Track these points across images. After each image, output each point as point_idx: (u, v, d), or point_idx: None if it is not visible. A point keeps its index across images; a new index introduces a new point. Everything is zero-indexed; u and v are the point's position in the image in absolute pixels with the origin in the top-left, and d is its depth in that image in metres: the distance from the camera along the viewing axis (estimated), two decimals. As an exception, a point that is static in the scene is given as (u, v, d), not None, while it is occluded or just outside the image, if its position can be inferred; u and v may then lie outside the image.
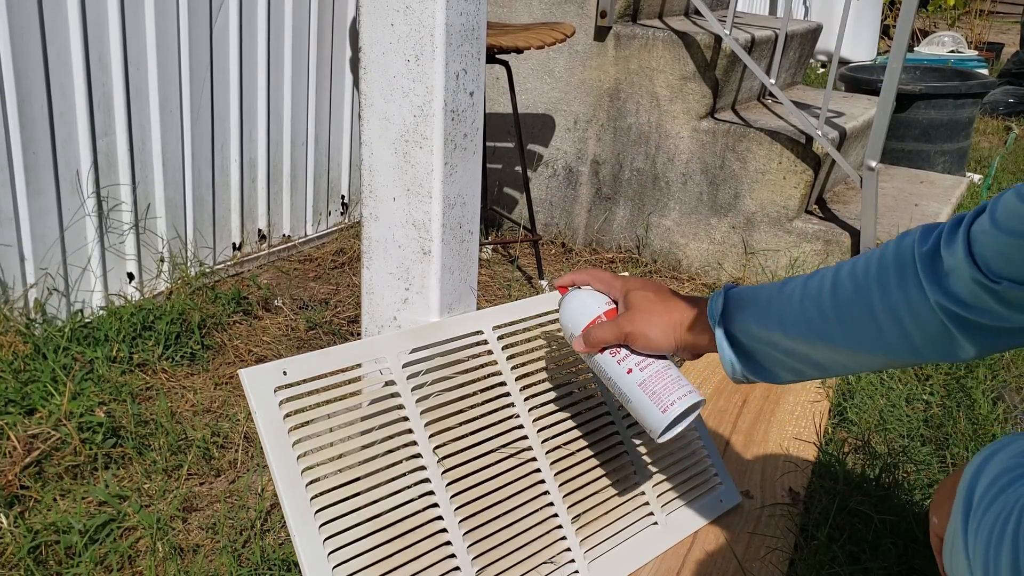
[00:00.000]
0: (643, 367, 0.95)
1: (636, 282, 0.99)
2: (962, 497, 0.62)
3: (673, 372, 0.96)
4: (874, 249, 0.83)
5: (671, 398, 0.93)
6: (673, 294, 0.97)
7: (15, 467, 1.32)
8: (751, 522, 1.19)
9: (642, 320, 0.94)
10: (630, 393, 0.95)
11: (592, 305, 0.99)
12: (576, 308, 1.00)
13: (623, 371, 0.96)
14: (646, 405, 0.94)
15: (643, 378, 0.94)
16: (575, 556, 1.03)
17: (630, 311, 0.96)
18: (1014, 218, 0.65)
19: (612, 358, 0.96)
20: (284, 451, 0.86)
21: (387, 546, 0.89)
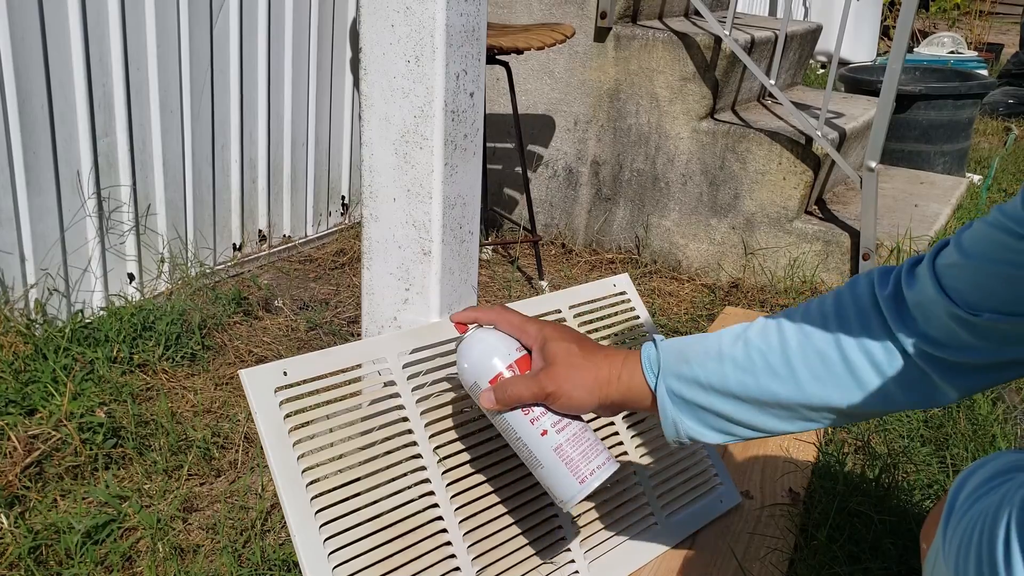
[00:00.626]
0: (560, 429, 0.85)
1: (553, 330, 0.87)
2: (945, 508, 0.62)
3: (590, 435, 0.86)
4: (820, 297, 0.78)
5: (590, 467, 0.84)
6: (594, 346, 0.87)
7: (15, 467, 1.33)
8: (751, 522, 1.19)
9: (565, 377, 0.83)
10: (543, 458, 0.85)
11: (500, 351, 0.87)
12: (482, 354, 0.87)
13: (536, 432, 0.85)
14: (560, 473, 0.84)
15: (559, 442, 0.84)
16: (575, 556, 1.03)
17: (552, 367, 0.84)
18: (985, 244, 0.64)
19: (524, 417, 0.85)
20: (284, 451, 0.86)
21: (387, 546, 0.89)
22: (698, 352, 0.81)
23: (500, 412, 0.87)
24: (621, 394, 0.84)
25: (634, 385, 0.84)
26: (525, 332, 0.88)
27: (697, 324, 2.07)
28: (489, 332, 0.89)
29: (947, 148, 3.34)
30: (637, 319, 1.22)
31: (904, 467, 1.42)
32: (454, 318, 0.90)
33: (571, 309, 1.15)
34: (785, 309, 0.80)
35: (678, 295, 2.29)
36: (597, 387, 0.84)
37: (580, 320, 1.16)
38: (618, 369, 0.84)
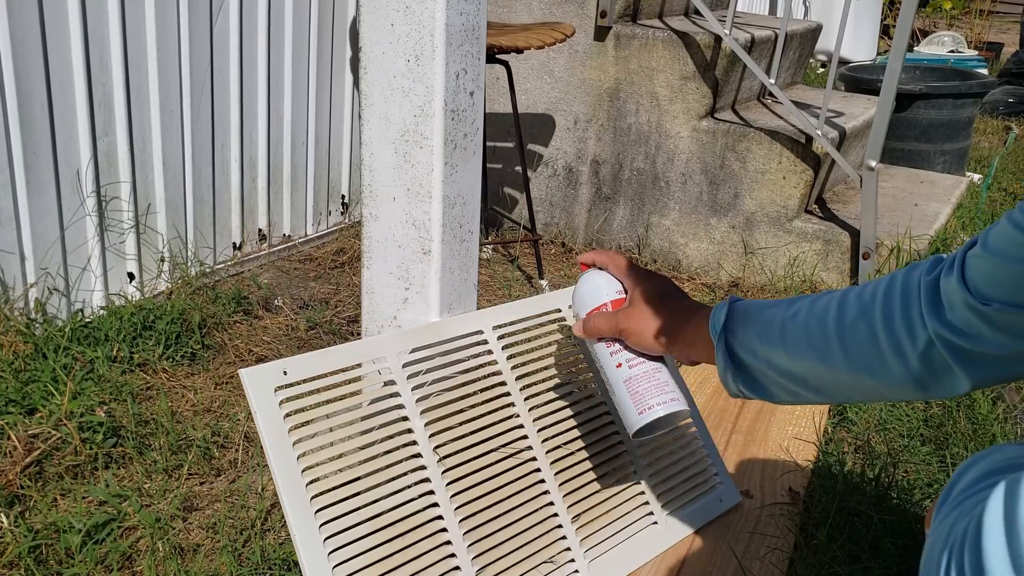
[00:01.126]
0: (632, 364, 0.95)
1: (648, 277, 0.98)
2: (940, 499, 0.63)
3: (662, 376, 0.95)
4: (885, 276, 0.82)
5: (651, 402, 0.93)
6: (680, 296, 0.96)
7: (15, 467, 1.33)
8: (751, 522, 1.19)
9: (639, 318, 0.94)
10: (615, 386, 0.96)
11: (602, 291, 0.99)
12: (586, 291, 1.00)
13: (613, 364, 0.96)
14: (626, 402, 0.94)
15: (630, 375, 0.94)
16: (575, 556, 1.03)
17: (632, 307, 0.96)
18: (1005, 240, 0.65)
19: (607, 348, 0.97)
20: (284, 451, 0.86)
21: (387, 546, 0.89)
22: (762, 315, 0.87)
23: (587, 341, 0.99)
24: (686, 344, 0.92)
25: (697, 337, 0.90)
26: (627, 276, 0.99)
27: (697, 323, 2.07)
28: (600, 274, 1.01)
29: (947, 147, 3.34)
30: (637, 318, 1.22)
31: (904, 466, 1.42)
32: (580, 258, 1.05)
33: (571, 308, 1.15)
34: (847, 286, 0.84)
35: (678, 294, 2.28)
36: (667, 332, 0.93)
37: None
38: (689, 320, 0.92)
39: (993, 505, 0.44)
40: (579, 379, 1.14)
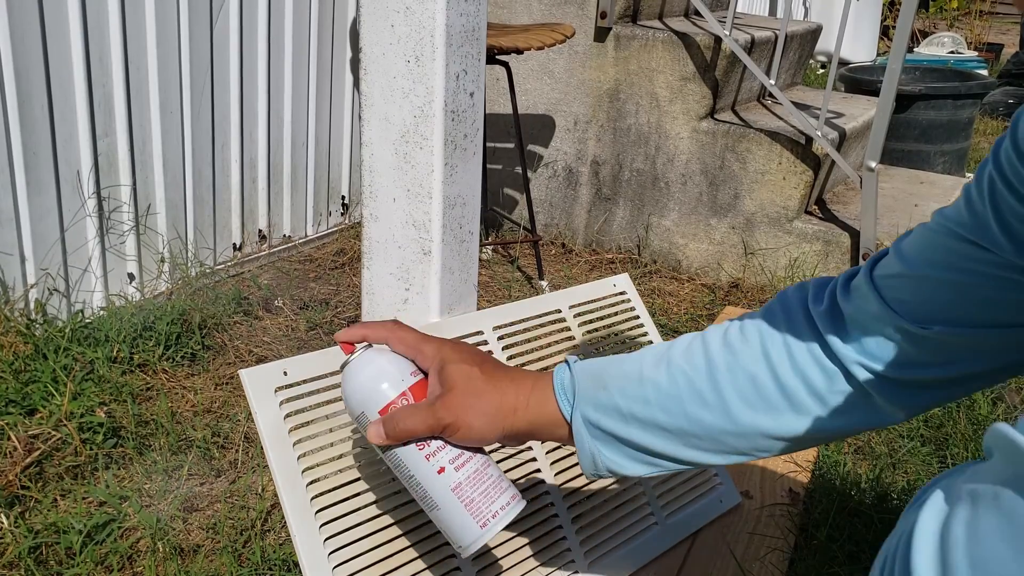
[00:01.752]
0: (459, 465, 0.73)
1: (453, 350, 0.75)
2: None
3: (493, 471, 0.75)
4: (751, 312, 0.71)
5: (492, 508, 0.73)
6: (500, 369, 0.76)
7: (16, 467, 1.33)
8: (751, 522, 1.19)
9: (464, 406, 0.72)
10: (439, 499, 0.73)
11: (394, 377, 0.75)
12: (370, 379, 0.75)
13: (432, 470, 0.73)
14: (459, 515, 0.73)
15: (458, 480, 0.73)
16: (575, 556, 1.03)
17: (449, 394, 0.73)
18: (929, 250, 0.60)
19: (419, 452, 0.73)
20: (284, 451, 0.86)
21: (387, 546, 0.89)
22: (617, 376, 0.73)
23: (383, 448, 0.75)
24: (529, 423, 0.74)
25: (545, 413, 0.74)
26: (421, 353, 0.76)
27: (697, 324, 2.07)
28: (380, 352, 0.76)
29: (947, 148, 3.34)
30: (637, 319, 1.22)
31: (904, 467, 1.42)
32: (339, 337, 0.78)
33: (571, 309, 1.15)
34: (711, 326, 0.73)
35: (678, 295, 2.29)
36: (501, 416, 0.73)
37: (580, 320, 1.16)
38: (526, 395, 0.74)
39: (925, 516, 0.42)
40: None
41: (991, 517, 0.36)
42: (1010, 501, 0.35)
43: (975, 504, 0.37)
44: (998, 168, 0.56)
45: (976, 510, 0.37)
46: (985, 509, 0.36)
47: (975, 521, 0.36)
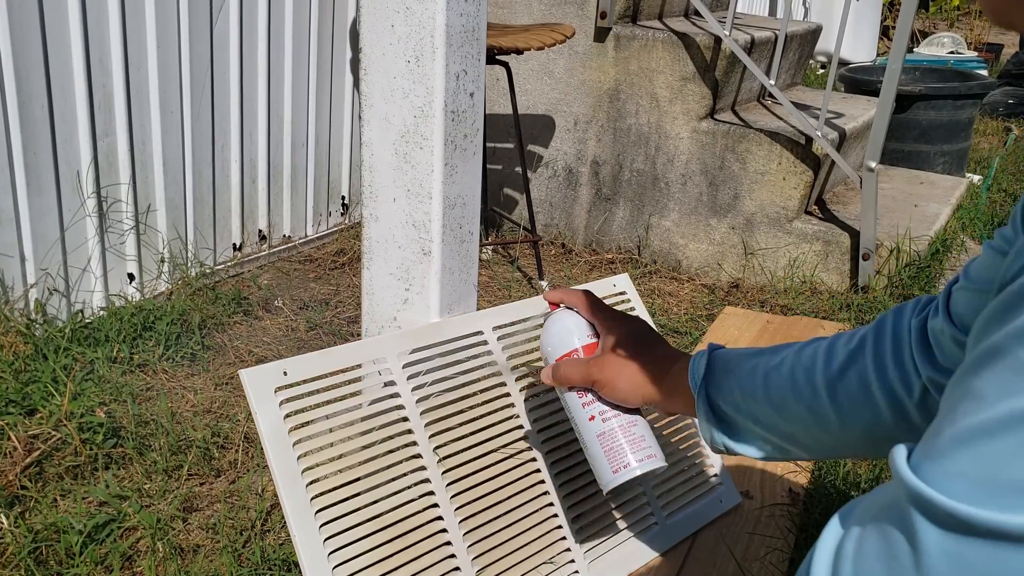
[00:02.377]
0: (606, 418, 0.88)
1: (622, 322, 0.90)
2: None
3: (638, 430, 0.89)
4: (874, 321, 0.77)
5: (628, 459, 0.87)
6: (656, 342, 0.89)
7: (15, 467, 1.33)
8: (751, 522, 1.19)
9: (613, 369, 0.86)
10: (588, 440, 0.89)
11: (573, 334, 0.92)
12: (556, 334, 0.93)
13: (586, 416, 0.89)
14: (600, 458, 0.88)
15: (603, 430, 0.88)
16: (575, 556, 1.03)
17: (604, 356, 0.88)
18: (984, 265, 0.62)
19: (578, 399, 0.90)
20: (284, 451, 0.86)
21: (387, 546, 0.89)
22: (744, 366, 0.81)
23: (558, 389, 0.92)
24: (664, 396, 0.85)
25: (675, 388, 0.85)
26: (599, 319, 0.91)
27: (697, 324, 2.07)
28: (570, 314, 0.94)
29: (947, 148, 3.34)
30: (637, 319, 1.22)
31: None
32: (546, 296, 0.96)
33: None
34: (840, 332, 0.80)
35: (678, 295, 2.29)
36: (643, 383, 0.86)
37: (580, 320, 1.16)
38: (666, 370, 0.86)
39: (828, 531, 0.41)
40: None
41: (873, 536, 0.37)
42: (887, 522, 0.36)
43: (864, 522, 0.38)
44: None
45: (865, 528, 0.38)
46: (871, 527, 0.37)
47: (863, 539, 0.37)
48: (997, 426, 0.32)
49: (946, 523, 0.33)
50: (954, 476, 0.33)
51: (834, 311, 2.14)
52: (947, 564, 0.33)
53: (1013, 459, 0.32)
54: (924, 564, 0.34)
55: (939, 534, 0.33)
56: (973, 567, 0.32)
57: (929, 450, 0.35)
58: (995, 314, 0.35)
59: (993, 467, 0.32)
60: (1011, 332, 0.33)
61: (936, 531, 0.33)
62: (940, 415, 0.37)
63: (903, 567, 0.35)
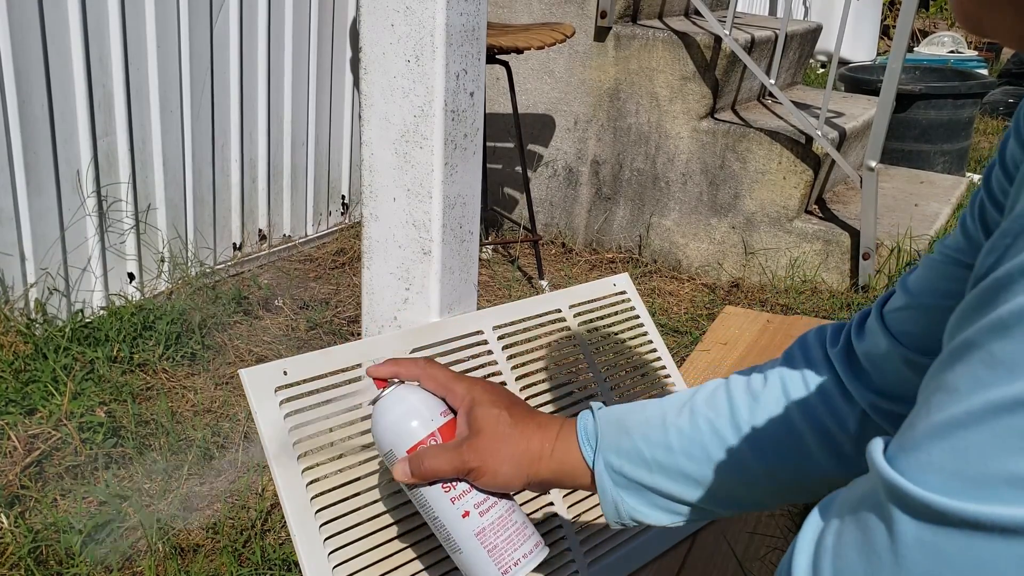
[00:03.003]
0: (484, 510, 0.73)
1: (484, 391, 0.75)
2: None
3: (518, 516, 0.75)
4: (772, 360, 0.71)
5: (515, 555, 0.73)
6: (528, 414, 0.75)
7: (15, 467, 1.33)
8: (751, 522, 1.19)
9: (490, 450, 0.72)
10: (462, 543, 0.73)
11: (424, 415, 0.75)
12: (400, 417, 0.75)
13: (457, 513, 0.73)
14: (481, 561, 0.73)
15: (482, 525, 0.73)
16: (575, 556, 1.03)
17: (476, 437, 0.72)
18: (932, 279, 0.61)
19: (444, 494, 0.74)
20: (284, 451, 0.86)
21: (387, 546, 0.89)
22: (640, 422, 0.72)
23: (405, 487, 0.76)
24: (553, 471, 0.73)
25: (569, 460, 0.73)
26: (451, 392, 0.76)
27: (697, 323, 2.07)
28: (412, 390, 0.77)
29: (947, 148, 3.34)
30: (637, 319, 1.22)
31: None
32: (371, 372, 0.78)
33: (571, 309, 1.15)
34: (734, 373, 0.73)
35: (678, 295, 2.29)
36: (527, 462, 0.73)
37: (580, 319, 1.16)
38: (551, 442, 0.73)
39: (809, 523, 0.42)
40: (579, 379, 1.13)
41: (851, 528, 0.37)
42: (865, 515, 0.37)
43: (843, 515, 0.39)
44: (988, 191, 0.57)
45: (844, 520, 0.38)
46: (849, 520, 0.38)
47: (842, 531, 0.38)
48: (970, 419, 0.33)
49: (922, 514, 0.34)
50: (929, 468, 0.34)
51: (834, 311, 2.14)
52: (923, 554, 0.34)
53: (985, 451, 0.32)
54: (901, 555, 0.34)
55: (915, 525, 0.34)
56: (948, 557, 0.33)
57: (904, 443, 0.36)
58: (968, 309, 0.36)
59: (966, 459, 0.33)
60: (983, 326, 0.34)
61: (912, 522, 0.34)
62: (915, 409, 0.37)
63: (880, 558, 0.35)
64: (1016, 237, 0.35)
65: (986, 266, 0.37)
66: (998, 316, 0.33)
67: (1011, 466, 0.31)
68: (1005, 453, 0.32)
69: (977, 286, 0.36)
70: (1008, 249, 0.35)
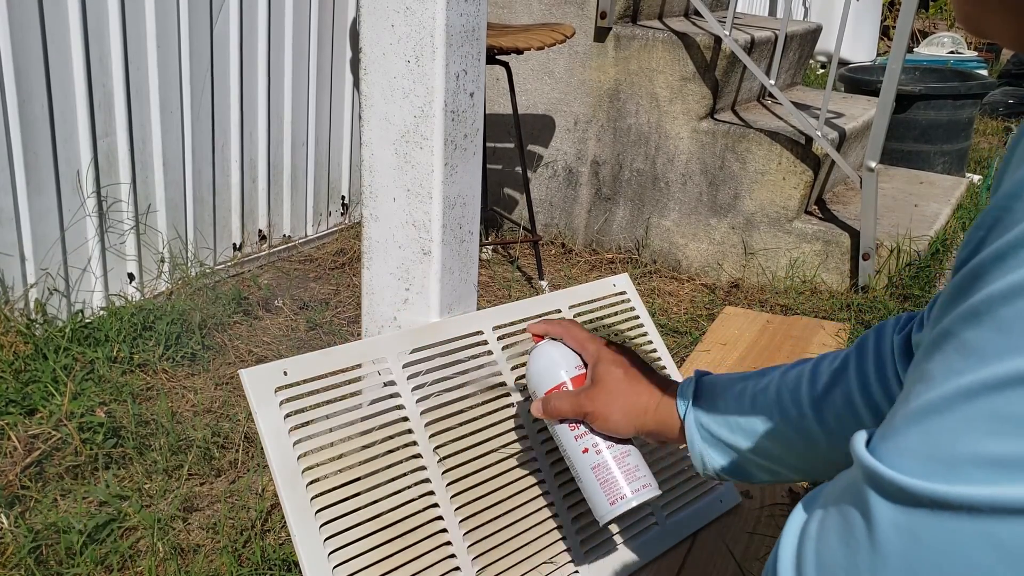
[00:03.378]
0: (599, 450, 0.88)
1: (608, 351, 0.90)
2: None
3: (632, 460, 0.89)
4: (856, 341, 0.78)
5: (623, 491, 0.87)
6: (645, 371, 0.89)
7: (16, 467, 1.33)
8: (751, 522, 1.19)
9: (604, 400, 0.86)
10: (581, 473, 0.89)
11: (560, 366, 0.92)
12: (543, 367, 0.93)
13: (579, 449, 0.89)
14: (595, 490, 0.88)
15: (597, 462, 0.88)
16: (575, 556, 1.03)
17: (594, 387, 0.87)
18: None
19: (570, 432, 0.90)
20: (284, 451, 0.86)
21: (387, 546, 0.89)
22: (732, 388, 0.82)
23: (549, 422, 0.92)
24: (656, 424, 0.85)
25: (667, 416, 0.85)
26: (585, 349, 0.91)
27: (697, 324, 2.07)
28: (556, 346, 0.93)
29: (947, 148, 3.34)
30: (637, 319, 1.22)
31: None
32: (529, 328, 0.97)
33: (571, 309, 1.15)
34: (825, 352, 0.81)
35: (678, 295, 2.29)
36: (635, 414, 0.86)
37: (580, 320, 1.16)
38: (656, 399, 0.86)
39: (795, 513, 0.44)
40: (579, 379, 1.13)
41: (833, 516, 0.39)
42: (846, 503, 0.38)
43: (827, 504, 0.40)
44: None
45: (827, 509, 0.40)
46: (832, 509, 0.39)
47: (825, 519, 0.39)
48: (943, 403, 0.34)
49: (896, 497, 0.35)
50: (904, 452, 0.35)
51: (834, 311, 2.14)
52: (898, 536, 0.35)
53: (955, 434, 0.34)
54: (877, 538, 0.35)
55: (890, 508, 0.35)
56: (921, 538, 0.34)
57: (884, 431, 0.37)
58: (946, 300, 0.37)
59: (938, 442, 0.34)
60: (957, 315, 0.35)
61: (888, 505, 0.35)
62: (897, 400, 0.39)
63: (859, 542, 0.36)
64: (989, 230, 0.36)
65: (961, 258, 0.38)
66: (970, 305, 0.35)
67: (979, 448, 0.33)
68: (974, 436, 0.33)
69: (955, 277, 0.37)
70: (982, 241, 0.36)
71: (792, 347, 1.73)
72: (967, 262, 0.36)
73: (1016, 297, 0.33)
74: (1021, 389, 0.32)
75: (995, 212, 0.35)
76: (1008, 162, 0.37)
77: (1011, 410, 0.32)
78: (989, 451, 0.32)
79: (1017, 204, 0.34)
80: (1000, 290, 0.33)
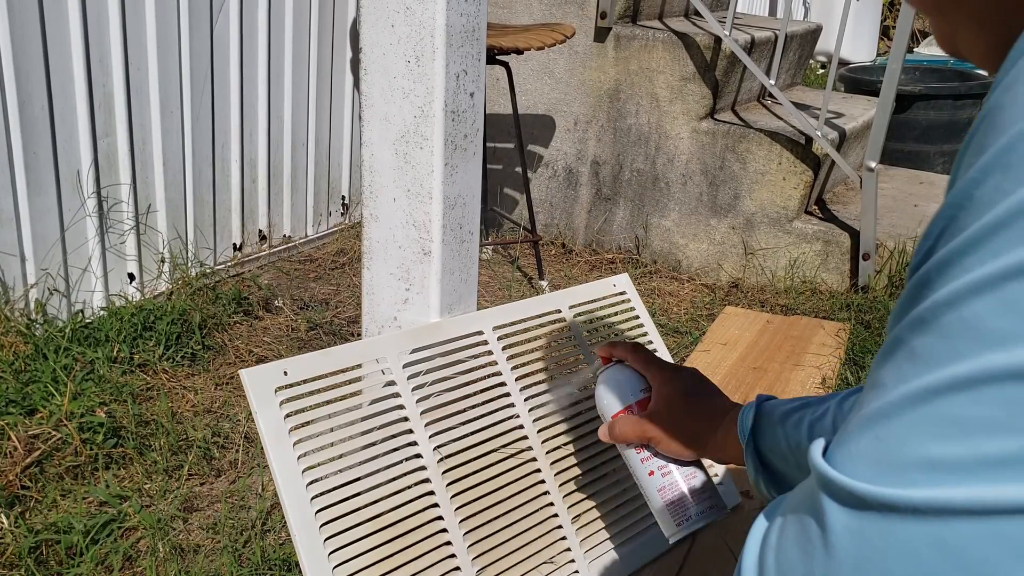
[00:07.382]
0: (665, 472, 0.91)
1: (673, 374, 0.93)
2: None
3: (697, 481, 0.92)
4: None
5: (689, 512, 0.90)
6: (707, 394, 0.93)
7: (16, 467, 1.33)
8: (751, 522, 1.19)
9: (666, 424, 0.90)
10: (649, 493, 0.92)
11: (626, 391, 0.95)
12: (610, 391, 0.96)
13: (645, 471, 0.92)
14: (663, 511, 0.91)
15: (664, 484, 0.91)
16: (575, 556, 1.03)
17: (658, 411, 0.91)
18: None
19: (636, 455, 0.93)
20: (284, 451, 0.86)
21: (387, 546, 0.89)
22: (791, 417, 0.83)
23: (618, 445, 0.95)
24: (716, 449, 0.88)
25: (728, 442, 0.87)
26: (649, 371, 0.94)
27: (697, 324, 2.07)
28: (622, 370, 0.97)
29: (947, 148, 3.34)
30: (637, 319, 1.22)
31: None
32: (599, 351, 1.00)
33: (571, 309, 1.15)
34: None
35: (678, 295, 2.29)
36: (694, 438, 0.89)
37: (580, 320, 1.16)
38: (716, 424, 0.88)
39: (758, 521, 0.45)
40: (579, 379, 1.14)
41: (792, 523, 0.40)
42: (803, 510, 0.39)
43: (786, 512, 0.41)
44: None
45: (786, 517, 0.41)
46: (791, 516, 0.40)
47: (784, 527, 0.40)
48: (891, 409, 0.35)
49: (848, 501, 0.36)
50: (856, 457, 0.36)
51: (834, 311, 2.14)
52: (850, 540, 0.36)
53: (903, 439, 0.35)
54: (831, 543, 0.36)
55: (843, 512, 0.36)
56: (872, 541, 0.35)
57: (839, 437, 0.38)
58: (897, 309, 0.38)
59: (886, 447, 0.35)
60: (906, 323, 0.36)
61: (840, 510, 0.36)
62: (853, 408, 0.39)
63: (814, 547, 0.37)
64: (936, 239, 0.37)
65: (912, 266, 0.39)
66: (918, 312, 0.36)
67: (924, 451, 0.34)
68: (919, 440, 0.34)
69: (906, 285, 0.38)
70: (930, 250, 0.37)
71: (792, 347, 1.73)
72: (917, 270, 0.37)
73: (959, 303, 0.34)
74: (963, 393, 0.33)
75: (941, 222, 0.36)
76: (958, 168, 0.38)
77: (954, 413, 0.33)
78: (933, 454, 0.33)
79: (960, 213, 0.35)
80: (944, 297, 0.34)
